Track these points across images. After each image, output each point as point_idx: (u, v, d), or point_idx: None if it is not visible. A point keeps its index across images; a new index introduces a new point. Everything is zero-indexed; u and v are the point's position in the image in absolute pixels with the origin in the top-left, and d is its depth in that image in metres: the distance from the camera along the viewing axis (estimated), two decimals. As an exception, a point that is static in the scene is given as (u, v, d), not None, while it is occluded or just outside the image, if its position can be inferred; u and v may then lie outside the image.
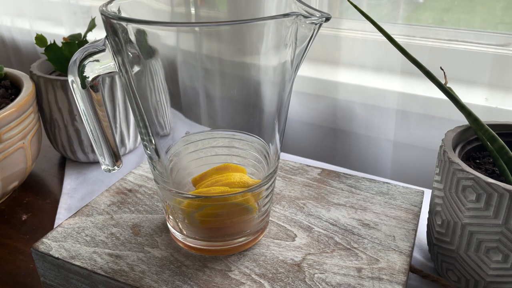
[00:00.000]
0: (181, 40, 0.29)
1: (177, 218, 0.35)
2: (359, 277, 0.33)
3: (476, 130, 0.37)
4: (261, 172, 0.35)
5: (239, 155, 0.36)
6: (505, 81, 0.55)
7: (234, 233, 0.34)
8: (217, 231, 0.35)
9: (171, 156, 0.34)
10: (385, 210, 0.40)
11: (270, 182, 0.34)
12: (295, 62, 0.30)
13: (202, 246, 0.35)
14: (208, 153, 0.35)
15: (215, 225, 0.34)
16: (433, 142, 0.58)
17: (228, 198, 0.32)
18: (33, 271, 0.43)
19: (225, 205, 0.32)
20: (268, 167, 0.34)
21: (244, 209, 0.33)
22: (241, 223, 0.34)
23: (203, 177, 0.34)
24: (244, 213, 0.33)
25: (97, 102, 0.33)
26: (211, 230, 0.34)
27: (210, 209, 0.33)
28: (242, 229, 0.34)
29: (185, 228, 0.35)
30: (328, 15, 0.28)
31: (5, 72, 0.57)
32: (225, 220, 0.34)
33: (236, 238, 0.35)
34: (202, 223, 0.34)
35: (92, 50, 0.31)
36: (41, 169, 0.61)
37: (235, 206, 0.33)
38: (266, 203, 0.35)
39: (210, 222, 0.34)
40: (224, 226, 0.34)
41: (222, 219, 0.34)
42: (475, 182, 0.33)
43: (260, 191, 0.33)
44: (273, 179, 0.35)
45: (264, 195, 0.34)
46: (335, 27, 0.63)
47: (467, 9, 0.57)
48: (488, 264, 0.34)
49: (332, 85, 0.63)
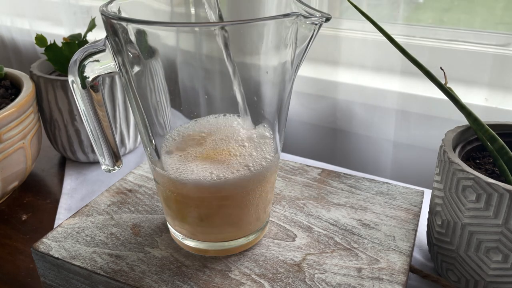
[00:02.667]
0: (181, 40, 0.29)
1: (176, 218, 0.35)
2: (359, 277, 0.33)
3: (476, 130, 0.37)
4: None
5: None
6: (505, 81, 0.55)
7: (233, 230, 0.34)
8: (217, 227, 0.34)
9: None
10: (385, 210, 0.40)
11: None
12: (295, 62, 0.30)
13: (202, 247, 0.35)
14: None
15: (214, 219, 0.34)
16: (433, 142, 0.57)
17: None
18: (33, 271, 0.43)
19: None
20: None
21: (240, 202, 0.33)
22: (238, 219, 0.34)
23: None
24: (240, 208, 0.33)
25: (97, 102, 0.33)
26: (210, 226, 0.34)
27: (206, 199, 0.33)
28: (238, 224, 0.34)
29: (185, 227, 0.35)
30: (328, 15, 0.28)
31: (5, 72, 0.57)
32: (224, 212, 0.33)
33: (236, 238, 0.35)
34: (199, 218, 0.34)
35: (92, 50, 0.31)
36: (41, 169, 0.61)
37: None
38: (264, 201, 0.35)
39: (208, 215, 0.34)
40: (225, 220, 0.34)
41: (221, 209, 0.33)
42: (475, 182, 0.33)
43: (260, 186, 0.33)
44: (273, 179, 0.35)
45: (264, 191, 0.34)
46: (335, 27, 0.62)
47: (467, 9, 0.57)
48: (488, 264, 0.34)
49: (332, 85, 0.63)
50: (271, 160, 0.33)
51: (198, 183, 0.31)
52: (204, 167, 0.32)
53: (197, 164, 0.32)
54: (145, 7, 0.34)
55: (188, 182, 0.31)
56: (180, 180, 0.32)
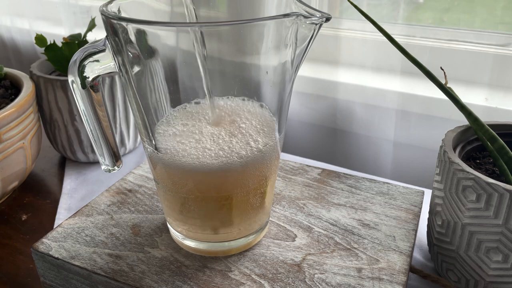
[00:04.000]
0: (181, 40, 0.29)
1: (177, 218, 0.35)
2: (359, 277, 0.33)
3: (476, 130, 0.37)
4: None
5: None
6: (505, 81, 0.55)
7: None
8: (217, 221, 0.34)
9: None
10: (385, 210, 0.40)
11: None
12: (295, 62, 0.30)
13: (202, 247, 0.35)
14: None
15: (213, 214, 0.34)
16: (433, 142, 0.57)
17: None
18: (33, 271, 0.43)
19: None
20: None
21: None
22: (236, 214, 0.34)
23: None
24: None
25: (97, 102, 0.33)
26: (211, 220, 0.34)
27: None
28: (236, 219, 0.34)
29: (185, 227, 0.35)
30: (328, 15, 0.28)
31: (5, 72, 0.57)
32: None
33: (236, 239, 0.35)
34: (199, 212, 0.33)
35: (92, 50, 0.31)
36: (41, 169, 0.61)
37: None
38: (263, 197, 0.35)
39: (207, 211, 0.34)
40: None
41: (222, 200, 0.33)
42: (475, 182, 0.33)
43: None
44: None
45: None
46: (335, 27, 0.62)
47: (467, 9, 0.57)
48: (488, 264, 0.34)
49: (332, 85, 0.63)
50: (272, 146, 0.32)
51: (197, 163, 0.30)
52: (204, 148, 0.31)
53: (196, 146, 0.31)
54: (145, 7, 0.34)
55: (186, 164, 0.31)
56: (177, 164, 0.31)
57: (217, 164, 0.30)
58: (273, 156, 0.33)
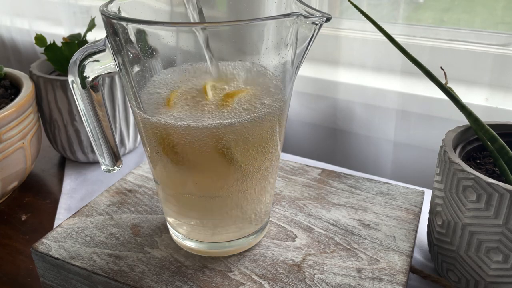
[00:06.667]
0: (181, 40, 0.29)
1: (177, 217, 0.35)
2: (359, 278, 0.33)
3: (476, 130, 0.37)
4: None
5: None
6: (506, 81, 0.55)
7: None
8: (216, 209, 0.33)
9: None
10: (385, 211, 0.40)
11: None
12: (296, 62, 0.30)
13: (202, 247, 0.35)
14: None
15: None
16: (433, 142, 0.57)
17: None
18: (33, 271, 0.43)
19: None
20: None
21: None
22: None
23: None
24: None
25: (97, 102, 0.33)
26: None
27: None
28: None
29: (184, 226, 0.35)
30: (329, 15, 0.28)
31: (4, 72, 0.57)
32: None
33: (236, 239, 0.35)
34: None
35: (92, 50, 0.31)
36: (41, 169, 0.61)
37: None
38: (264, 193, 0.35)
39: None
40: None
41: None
42: (475, 182, 0.33)
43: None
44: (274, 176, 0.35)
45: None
46: (335, 27, 0.62)
47: (467, 9, 0.57)
48: (488, 264, 0.34)
49: (332, 85, 0.63)
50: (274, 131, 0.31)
51: (194, 125, 0.29)
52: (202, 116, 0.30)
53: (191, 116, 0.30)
54: (145, 7, 0.34)
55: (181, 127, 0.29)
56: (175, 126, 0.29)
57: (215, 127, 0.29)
58: (273, 157, 0.33)
